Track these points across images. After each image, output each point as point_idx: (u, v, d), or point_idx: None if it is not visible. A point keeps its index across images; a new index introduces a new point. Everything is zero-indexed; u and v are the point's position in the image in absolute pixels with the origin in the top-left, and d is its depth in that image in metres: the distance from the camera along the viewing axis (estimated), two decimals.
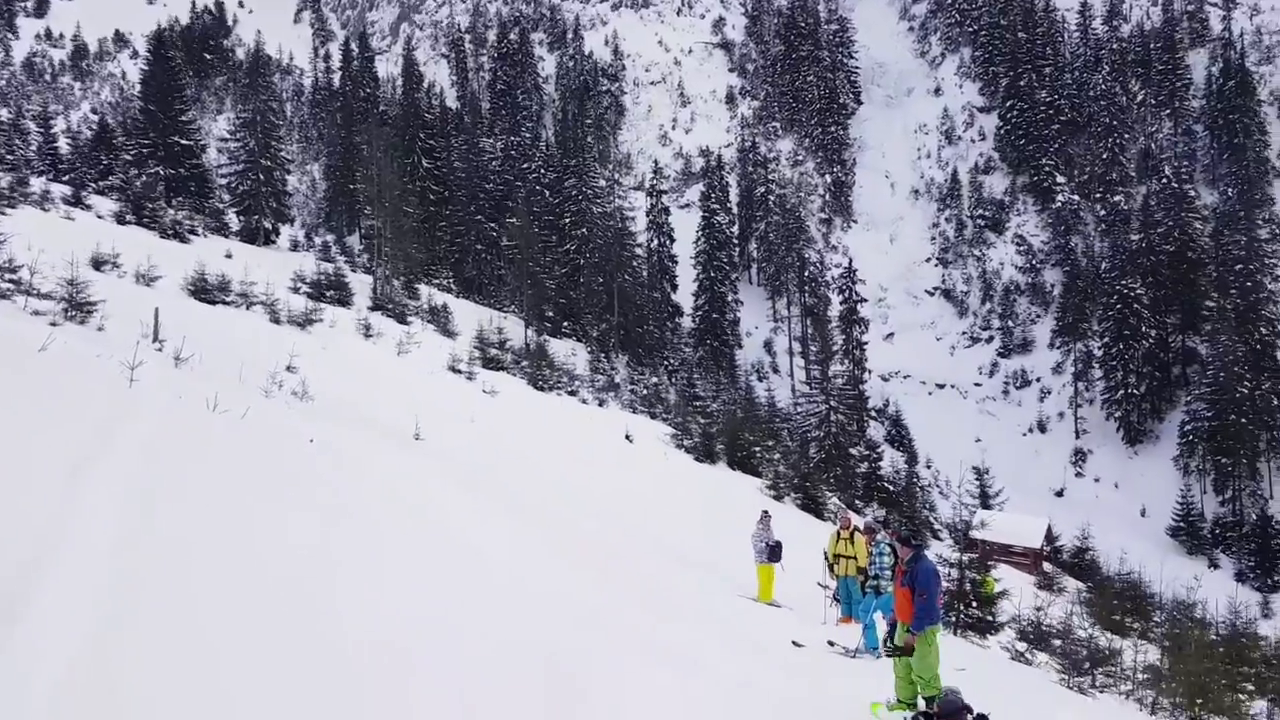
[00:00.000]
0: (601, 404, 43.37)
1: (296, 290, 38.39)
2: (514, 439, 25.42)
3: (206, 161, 60.51)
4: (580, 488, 21.21)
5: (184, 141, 54.27)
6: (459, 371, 33.34)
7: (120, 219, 40.16)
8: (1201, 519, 67.24)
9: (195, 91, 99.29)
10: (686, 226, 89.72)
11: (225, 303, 29.26)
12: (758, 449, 40.83)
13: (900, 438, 79.49)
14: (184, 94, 58.62)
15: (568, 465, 24.55)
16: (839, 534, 15.16)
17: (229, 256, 40.44)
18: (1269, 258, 78.84)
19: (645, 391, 58.96)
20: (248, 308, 29.76)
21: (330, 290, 39.97)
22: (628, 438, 34.02)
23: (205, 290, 28.96)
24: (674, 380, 71.89)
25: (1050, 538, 53.02)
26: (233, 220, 54.40)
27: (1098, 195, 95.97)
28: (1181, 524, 66.31)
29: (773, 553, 16.45)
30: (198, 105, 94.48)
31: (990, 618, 18.16)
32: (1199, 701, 13.61)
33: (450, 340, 42.45)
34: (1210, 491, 69.76)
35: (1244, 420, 67.62)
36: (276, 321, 29.27)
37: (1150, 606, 27.57)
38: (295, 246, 57.74)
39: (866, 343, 77.88)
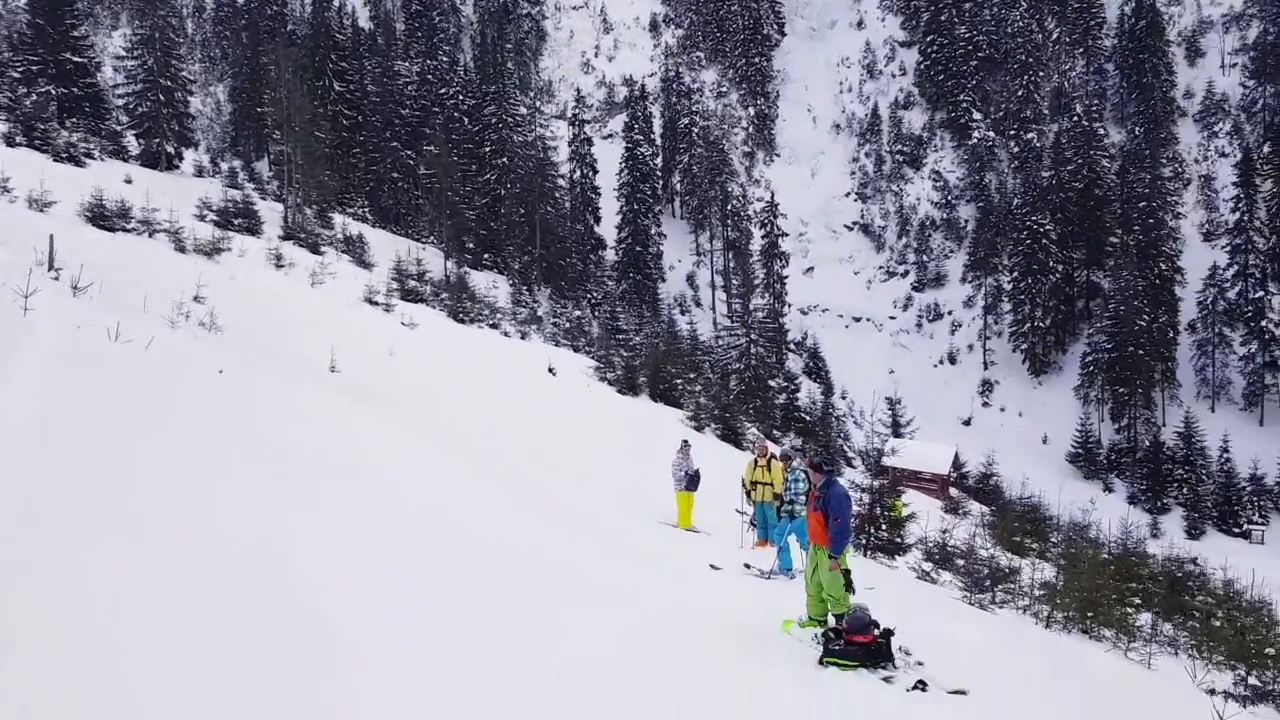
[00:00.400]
0: (524, 337, 43.15)
1: (203, 218, 37.03)
2: (435, 372, 25.18)
3: (102, 81, 57.37)
4: (504, 421, 21.18)
5: (76, 59, 51.30)
6: (376, 303, 32.72)
7: (9, 141, 38.03)
8: (1098, 446, 70.48)
9: (87, 4, 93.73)
10: (609, 158, 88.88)
11: (126, 230, 28.08)
12: (680, 381, 41.21)
13: (818, 370, 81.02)
14: (75, 7, 55.30)
15: (490, 398, 24.45)
16: (756, 462, 15.49)
17: (129, 182, 38.71)
18: (1170, 196, 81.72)
19: (568, 325, 58.85)
20: (150, 236, 28.64)
21: (239, 218, 38.63)
22: (551, 371, 33.98)
23: (104, 217, 27.73)
24: (597, 314, 71.81)
25: (957, 464, 55.04)
26: (132, 144, 51.98)
27: (1012, 132, 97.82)
28: (1080, 450, 69.42)
29: (691, 481, 16.72)
30: (90, 20, 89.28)
31: (898, 540, 18.83)
32: (1090, 615, 14.36)
33: (366, 272, 41.57)
34: (1107, 420, 73.05)
35: (1141, 352, 70.75)
36: (182, 250, 28.24)
37: (1048, 528, 28.84)
38: (200, 172, 55.51)
39: (787, 277, 78.84)
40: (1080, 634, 14.24)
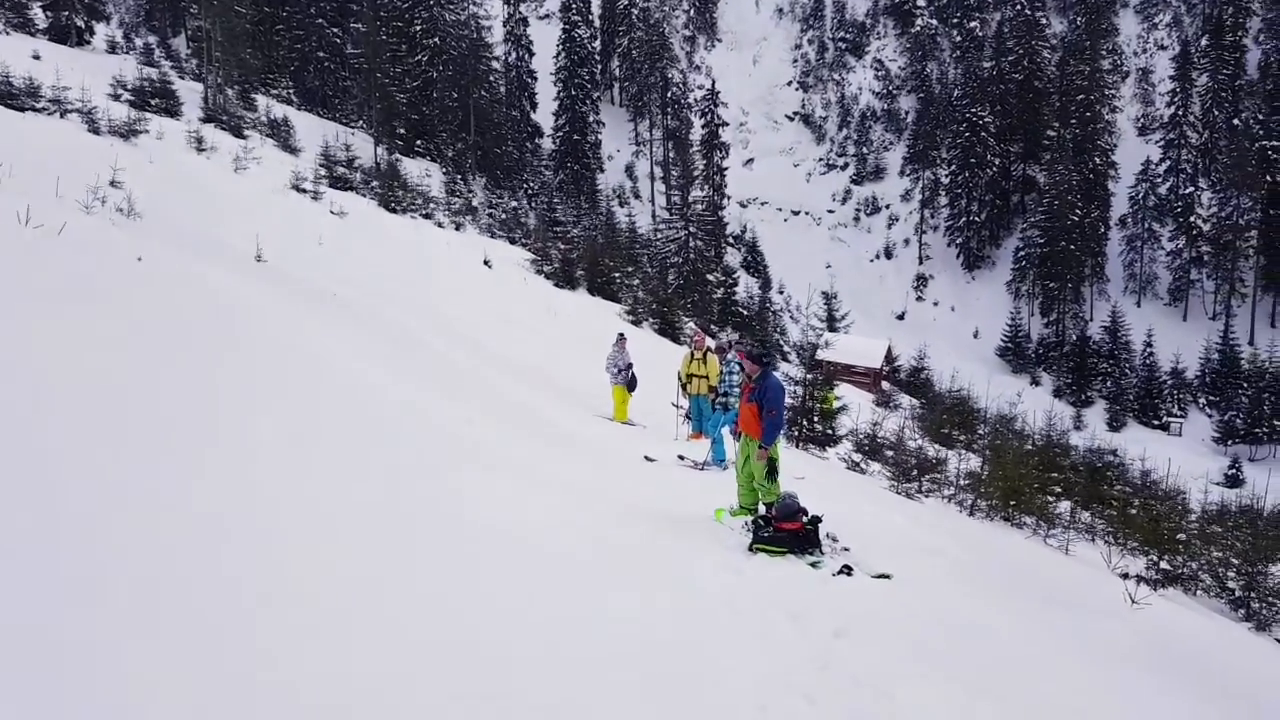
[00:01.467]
0: (458, 228, 42.41)
1: (117, 97, 35.26)
2: (366, 262, 24.70)
3: None
4: (438, 313, 20.97)
5: None
6: (304, 190, 31.75)
7: None
8: (1028, 340, 72.36)
9: None
10: (546, 40, 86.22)
11: (35, 109, 26.65)
12: (618, 275, 41.07)
13: (756, 264, 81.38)
14: None
15: (423, 290, 24.13)
16: (692, 355, 15.61)
17: (37, 58, 36.56)
18: (1108, 89, 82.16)
19: (504, 216, 57.94)
20: (61, 116, 27.23)
21: (156, 99, 36.85)
22: (486, 263, 33.58)
23: (11, 95, 26.28)
24: (534, 204, 70.77)
25: (890, 358, 56.23)
26: (38, 16, 48.90)
27: (955, 20, 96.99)
28: (1010, 345, 71.26)
29: (621, 374, 16.84)
30: None
31: (830, 432, 19.31)
32: (1012, 503, 14.96)
33: (292, 157, 40.19)
34: (1037, 314, 74.86)
35: (1072, 247, 72.12)
36: (96, 132, 26.95)
37: (976, 420, 29.77)
38: (113, 48, 52.56)
39: (726, 168, 78.22)
40: (1002, 522, 14.86)
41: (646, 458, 12.67)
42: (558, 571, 5.95)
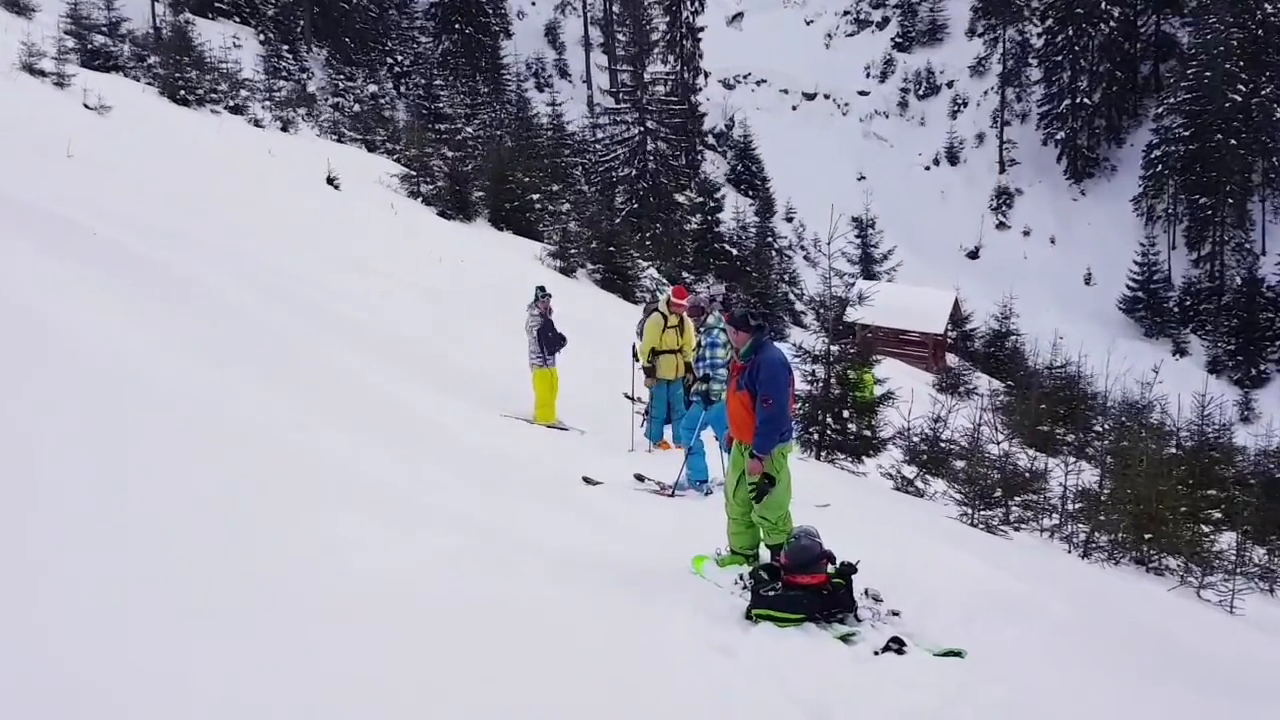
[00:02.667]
0: (286, 127, 41.97)
1: None
2: (141, 182, 24.31)
3: None
4: (253, 259, 20.70)
5: None
6: (42, 73, 31.19)
7: None
8: (1167, 286, 72.58)
9: None
10: None
11: None
12: (537, 198, 40.88)
13: (751, 177, 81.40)
14: None
15: (231, 227, 23.81)
16: (664, 320, 15.39)
17: None
18: None
19: (358, 108, 57.39)
20: None
21: None
22: (332, 181, 33.26)
23: None
24: (404, 90, 70.15)
25: (957, 318, 56.60)
26: None
27: None
28: (1139, 294, 71.51)
29: (550, 344, 16.78)
30: None
31: (868, 433, 19.40)
32: (1148, 536, 15.11)
33: (24, 20, 39.46)
34: (1181, 247, 75.21)
35: (1233, 141, 71.86)
36: None
37: (1090, 411, 29.95)
38: None
39: (703, 28, 78.03)
40: (1134, 565, 15.03)
41: (587, 480, 12.64)
42: (442, 670, 5.88)
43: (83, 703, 4.33)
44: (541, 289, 17.45)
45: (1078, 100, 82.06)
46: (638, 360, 16.06)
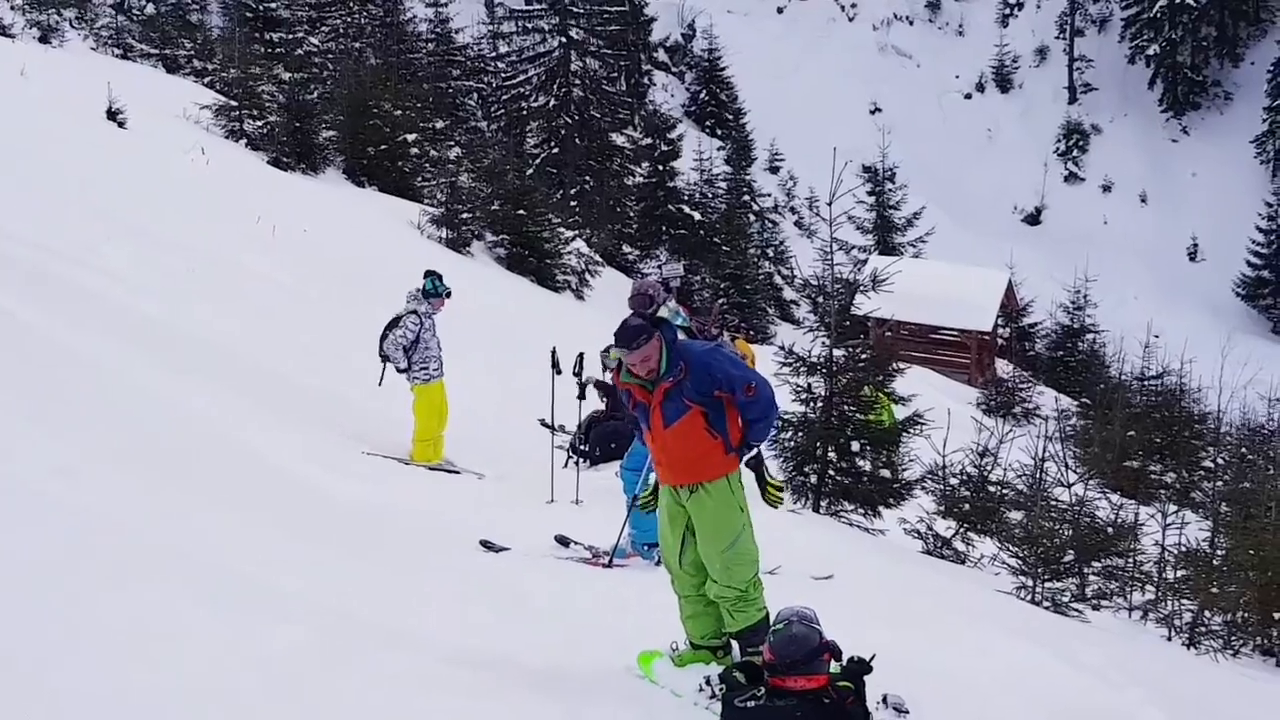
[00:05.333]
0: (46, 36, 41.69)
1: None
2: None
3: None
4: (3, 228, 20.52)
5: None
6: None
7: None
8: None
9: None
10: None
11: None
12: (413, 139, 40.83)
13: (718, 109, 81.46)
14: None
15: None
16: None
17: None
18: None
19: (153, 10, 57.06)
20: None
21: None
22: (115, 115, 33.02)
23: None
24: None
25: (1011, 309, 56.74)
26: None
27: None
28: (1266, 272, 72.12)
29: (421, 365, 16.81)
30: None
31: (887, 474, 19.45)
32: (1279, 618, 15.24)
33: None
34: None
35: None
36: None
37: (1198, 440, 30.13)
38: None
39: None
40: (1260, 657, 15.16)
41: (487, 545, 12.71)
42: None
43: None
44: (432, 275, 17.42)
45: (1178, 2, 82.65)
46: (559, 371, 16.09)
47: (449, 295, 17.48)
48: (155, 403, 13.44)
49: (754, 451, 9.12)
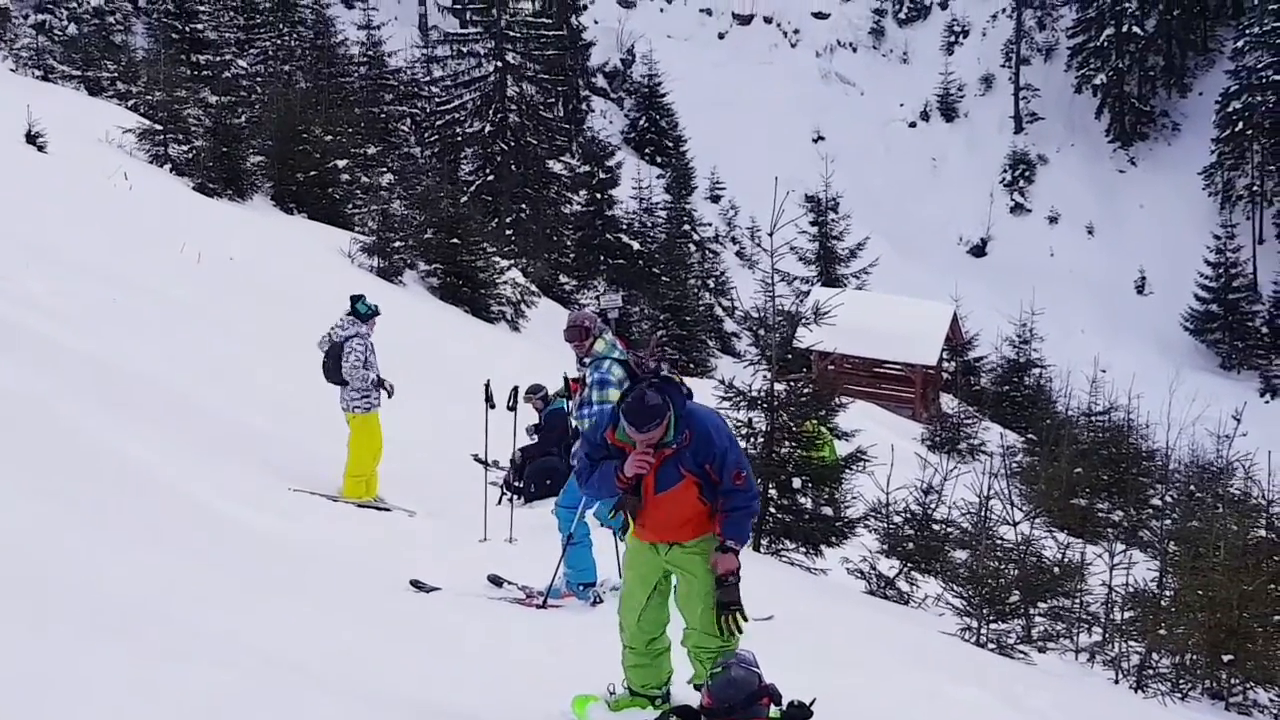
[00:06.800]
0: None
1: None
2: None
3: None
4: None
5: None
6: None
7: None
8: (1252, 296, 73.70)
9: None
10: None
11: None
12: (343, 164, 40.75)
13: (658, 135, 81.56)
14: None
15: None
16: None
17: None
18: None
19: (75, 30, 56.93)
20: None
21: None
22: (34, 139, 32.89)
23: None
24: (145, 4, 69.61)
25: (956, 342, 56.94)
26: None
27: None
28: (1214, 306, 72.54)
29: (364, 392, 16.73)
30: None
31: (829, 511, 19.43)
32: (1228, 658, 15.28)
33: None
34: (1271, 240, 76.39)
35: None
36: None
37: (1146, 478, 30.23)
38: None
39: None
40: (1209, 700, 15.20)
41: (417, 585, 12.67)
42: None
43: None
44: (360, 303, 17.36)
45: (1125, 28, 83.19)
46: (493, 405, 16.03)
47: (380, 313, 17.42)
48: (71, 436, 13.33)
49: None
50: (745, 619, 8.78)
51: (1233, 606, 15.48)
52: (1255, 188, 77.30)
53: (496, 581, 13.33)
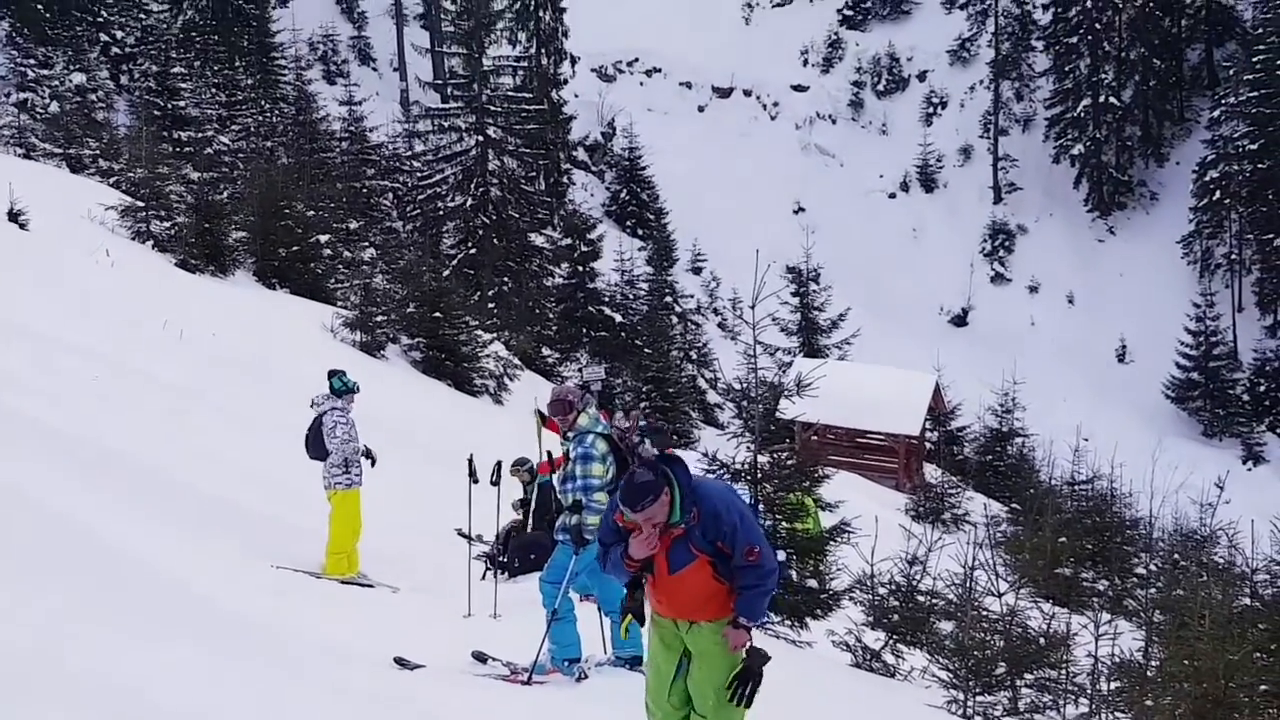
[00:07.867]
0: None
1: None
2: None
3: None
4: None
5: None
6: None
7: None
8: (1233, 364, 73.67)
9: None
10: None
11: None
12: (325, 239, 40.75)
13: (639, 208, 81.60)
14: None
15: None
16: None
17: None
18: None
19: (57, 107, 56.98)
20: None
21: None
22: (16, 217, 32.83)
23: None
24: (128, 81, 69.72)
25: (939, 413, 56.85)
26: None
27: None
28: (1195, 374, 72.66)
29: (344, 468, 16.68)
30: None
31: (814, 584, 19.37)
32: None
33: None
34: (1251, 308, 76.43)
35: None
36: None
37: (1130, 547, 30.15)
38: None
39: None
40: None
41: (401, 662, 12.58)
42: None
43: None
44: (339, 380, 17.30)
45: (1101, 99, 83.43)
46: (476, 480, 15.98)
47: (358, 390, 17.38)
48: (48, 516, 13.24)
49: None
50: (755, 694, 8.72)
51: (1219, 676, 15.41)
52: (1234, 256, 77.52)
53: (481, 658, 13.25)
